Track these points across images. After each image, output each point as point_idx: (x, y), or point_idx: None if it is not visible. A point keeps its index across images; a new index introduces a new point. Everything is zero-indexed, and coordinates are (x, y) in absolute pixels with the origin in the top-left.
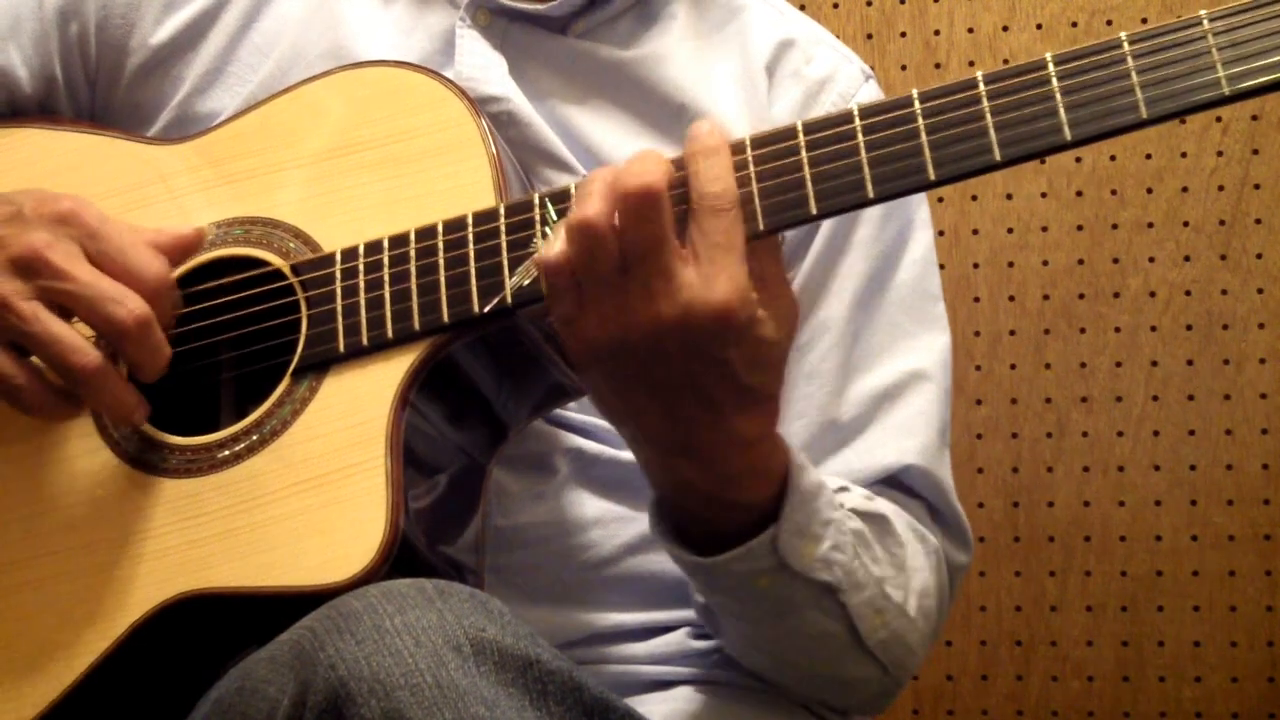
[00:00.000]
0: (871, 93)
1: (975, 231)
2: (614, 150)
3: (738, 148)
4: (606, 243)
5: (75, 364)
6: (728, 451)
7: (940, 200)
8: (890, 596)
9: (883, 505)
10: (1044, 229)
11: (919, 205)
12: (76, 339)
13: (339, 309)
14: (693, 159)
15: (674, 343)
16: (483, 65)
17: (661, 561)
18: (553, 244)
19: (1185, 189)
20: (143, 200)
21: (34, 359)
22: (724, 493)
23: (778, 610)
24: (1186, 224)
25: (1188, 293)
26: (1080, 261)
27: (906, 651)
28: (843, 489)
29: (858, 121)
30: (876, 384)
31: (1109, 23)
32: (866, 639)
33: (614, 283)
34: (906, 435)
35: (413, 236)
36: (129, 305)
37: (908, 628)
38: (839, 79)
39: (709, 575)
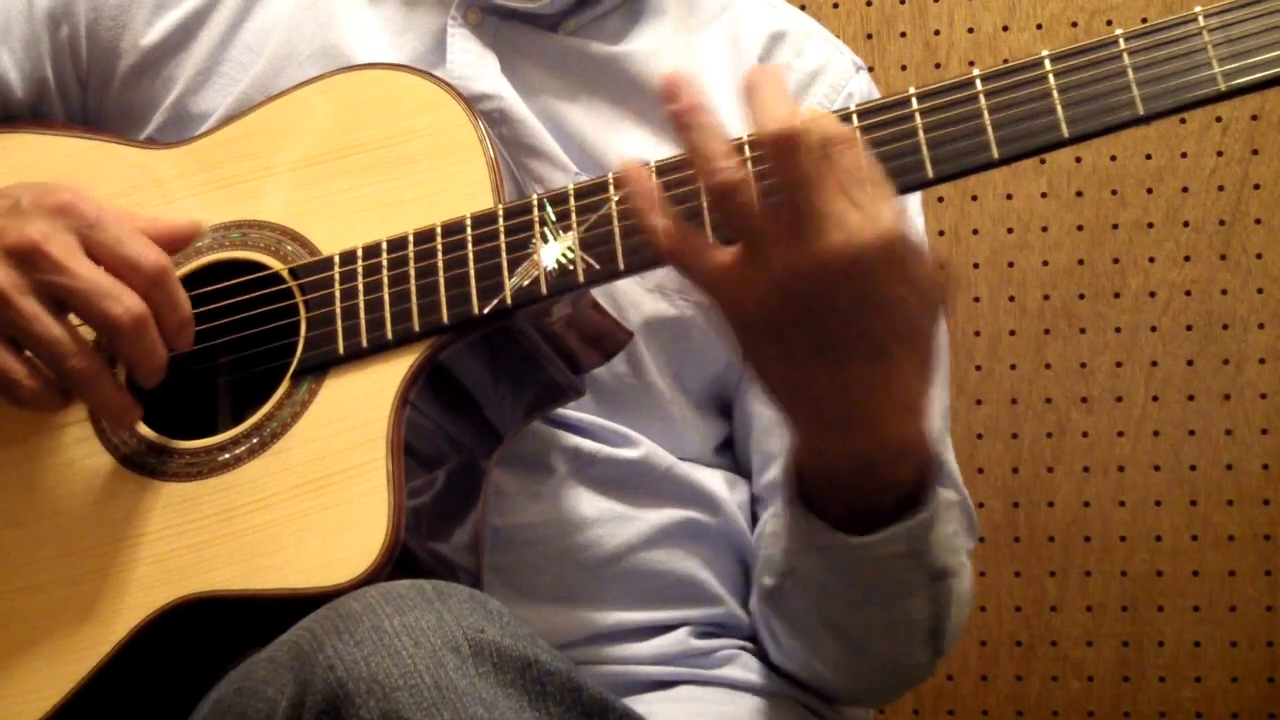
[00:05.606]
0: (862, 84)
1: (975, 231)
2: (607, 147)
3: (737, 149)
4: (750, 193)
5: (71, 367)
6: (900, 417)
7: (940, 200)
8: (966, 585)
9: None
10: (1044, 229)
11: (911, 194)
12: (71, 341)
13: (338, 311)
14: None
15: (843, 285)
16: (474, 64)
17: (661, 560)
18: (654, 222)
19: (1185, 189)
20: (135, 206)
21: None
22: (894, 470)
23: (893, 593)
24: (1186, 224)
25: (1188, 293)
26: (1080, 261)
27: (954, 642)
28: None
29: (855, 121)
30: None
31: (1109, 22)
32: (945, 624)
33: (767, 232)
34: None
35: (411, 239)
36: (125, 302)
37: (961, 617)
38: (830, 70)
39: (840, 554)
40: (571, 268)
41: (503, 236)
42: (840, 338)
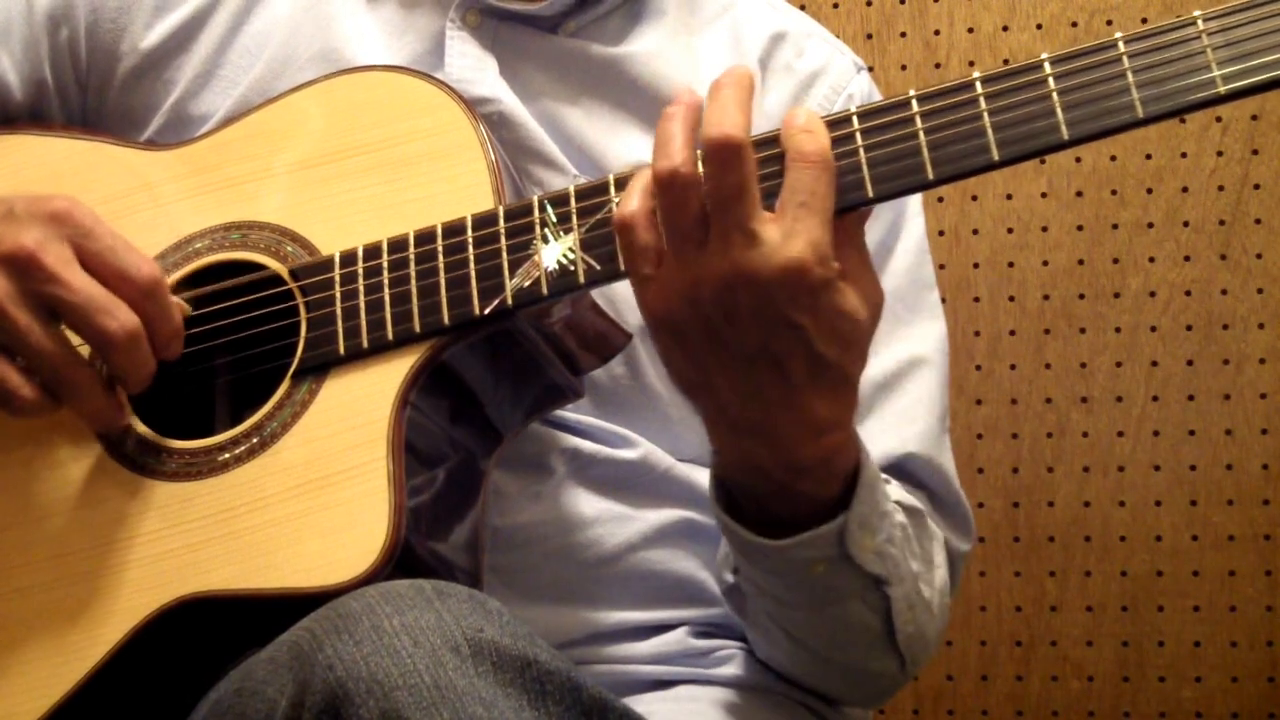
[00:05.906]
0: (863, 85)
1: (975, 231)
2: (607, 149)
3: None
4: (692, 192)
5: (63, 378)
6: (800, 436)
7: (940, 200)
8: (921, 592)
9: (914, 499)
10: (1044, 229)
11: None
12: (64, 353)
13: (339, 312)
14: (789, 124)
15: (746, 301)
16: (473, 66)
17: (661, 560)
18: (629, 200)
19: (1185, 189)
20: (131, 207)
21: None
22: (794, 484)
23: (824, 598)
24: (1186, 224)
25: (1188, 293)
26: (1080, 261)
27: (925, 648)
28: (885, 480)
29: (856, 123)
30: (874, 373)
31: (1109, 23)
32: (898, 633)
33: (694, 236)
34: (907, 423)
35: (411, 239)
36: (120, 318)
37: (929, 623)
38: (830, 71)
39: (765, 557)
40: (572, 269)
41: (504, 237)
42: (739, 351)
